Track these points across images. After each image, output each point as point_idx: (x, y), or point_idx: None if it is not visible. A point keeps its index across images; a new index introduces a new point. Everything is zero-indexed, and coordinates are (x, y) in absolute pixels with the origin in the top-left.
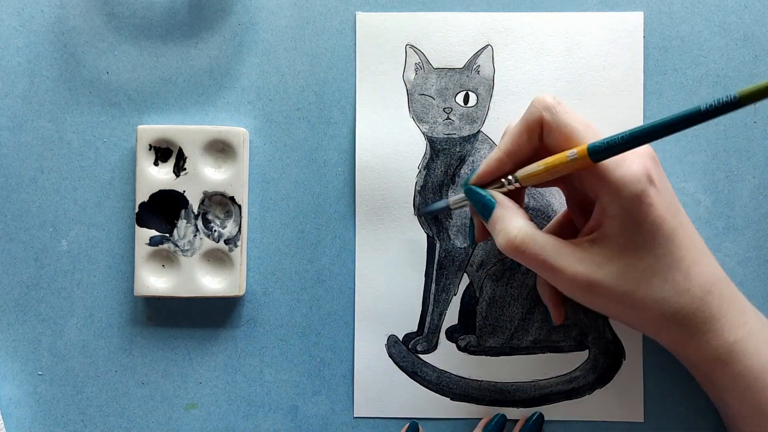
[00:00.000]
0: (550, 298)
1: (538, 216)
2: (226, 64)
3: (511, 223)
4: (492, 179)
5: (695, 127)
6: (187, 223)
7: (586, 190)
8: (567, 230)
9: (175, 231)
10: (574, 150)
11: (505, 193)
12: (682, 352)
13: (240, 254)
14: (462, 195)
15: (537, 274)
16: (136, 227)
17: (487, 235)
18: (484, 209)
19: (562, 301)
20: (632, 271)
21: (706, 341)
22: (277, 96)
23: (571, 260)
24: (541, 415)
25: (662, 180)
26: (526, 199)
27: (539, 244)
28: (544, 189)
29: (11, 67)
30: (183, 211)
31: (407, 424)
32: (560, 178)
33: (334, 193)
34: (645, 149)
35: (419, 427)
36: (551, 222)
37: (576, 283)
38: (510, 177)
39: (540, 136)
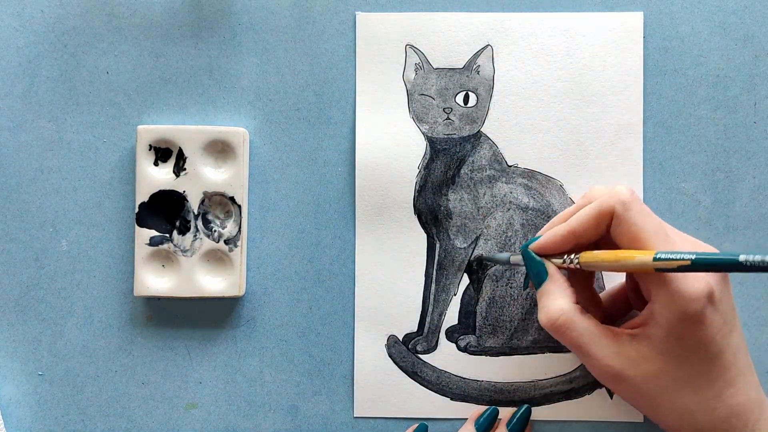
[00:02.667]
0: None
1: (538, 216)
2: (226, 64)
3: (556, 303)
4: (552, 253)
5: (695, 127)
6: (187, 223)
7: (642, 287)
8: (620, 303)
9: (174, 231)
10: (643, 258)
11: (567, 268)
12: None
13: (240, 254)
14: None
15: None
16: (136, 227)
17: None
18: (535, 277)
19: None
20: (664, 377)
21: None
22: (277, 96)
23: (607, 351)
24: (528, 408)
25: (724, 298)
26: (525, 199)
27: (578, 330)
28: (544, 189)
29: (11, 67)
30: (183, 212)
31: (416, 425)
32: None
33: (334, 193)
34: None
35: (427, 428)
36: (606, 290)
37: (607, 373)
38: (573, 256)
39: (608, 226)
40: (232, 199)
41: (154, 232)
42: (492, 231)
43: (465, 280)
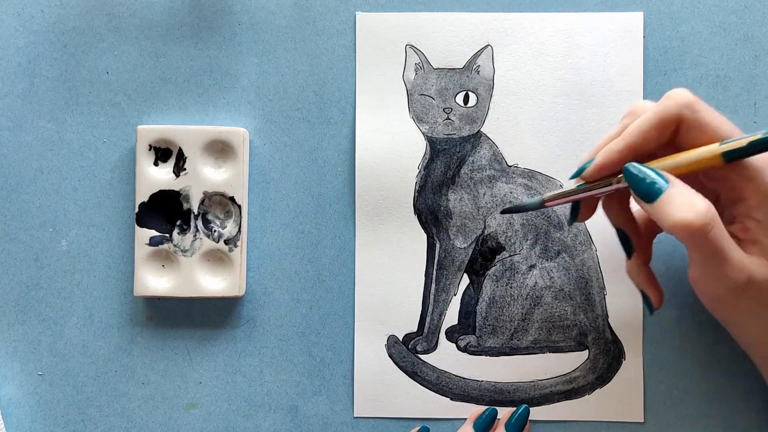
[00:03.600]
0: (648, 281)
1: (538, 216)
2: (226, 64)
3: (698, 203)
4: (609, 173)
5: None
6: (186, 223)
7: (722, 192)
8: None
9: (174, 231)
10: (707, 148)
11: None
12: None
13: (240, 254)
14: (558, 190)
15: (626, 261)
16: (136, 227)
17: (590, 214)
18: (648, 189)
19: (658, 283)
20: None
21: None
22: (277, 96)
23: (740, 254)
24: (527, 408)
25: None
26: (525, 199)
27: (722, 230)
28: (544, 189)
29: (11, 67)
30: (183, 212)
31: (417, 428)
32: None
33: (334, 193)
34: None
35: (429, 431)
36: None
37: (737, 279)
38: (620, 176)
39: (673, 134)
40: (232, 199)
41: (154, 232)
42: (492, 231)
43: (465, 280)
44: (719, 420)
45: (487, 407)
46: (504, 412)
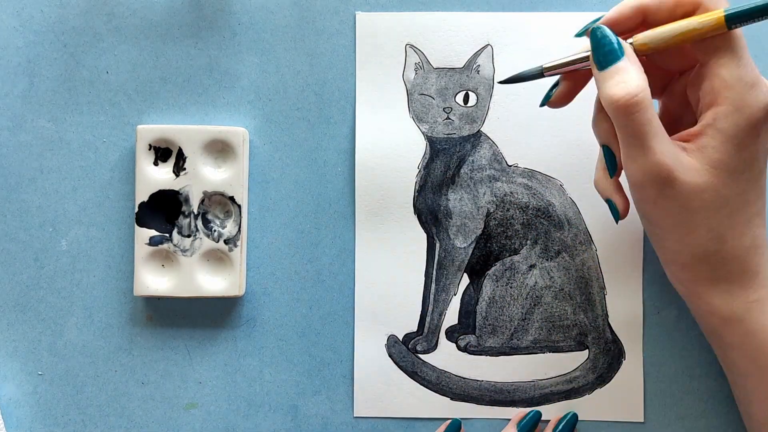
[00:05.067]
0: (616, 189)
1: (538, 216)
2: (226, 64)
3: (636, 78)
4: (619, 29)
5: None
6: (186, 223)
7: (702, 96)
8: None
9: (174, 231)
10: (713, 15)
11: None
12: (701, 300)
13: (240, 254)
14: (560, 60)
15: (596, 174)
16: (136, 227)
17: (565, 100)
18: (606, 56)
19: (624, 192)
20: (709, 191)
21: (729, 292)
22: (277, 96)
23: (665, 147)
24: (575, 415)
25: None
26: (525, 199)
27: (650, 112)
28: (544, 189)
29: (11, 67)
30: (183, 211)
31: (449, 421)
32: (665, 82)
33: (334, 193)
34: None
35: (461, 425)
36: None
37: (657, 170)
38: (628, 41)
39: (687, 13)
40: (231, 198)
41: (153, 232)
42: (492, 231)
43: (465, 280)
44: (719, 420)
45: (530, 409)
46: (548, 415)
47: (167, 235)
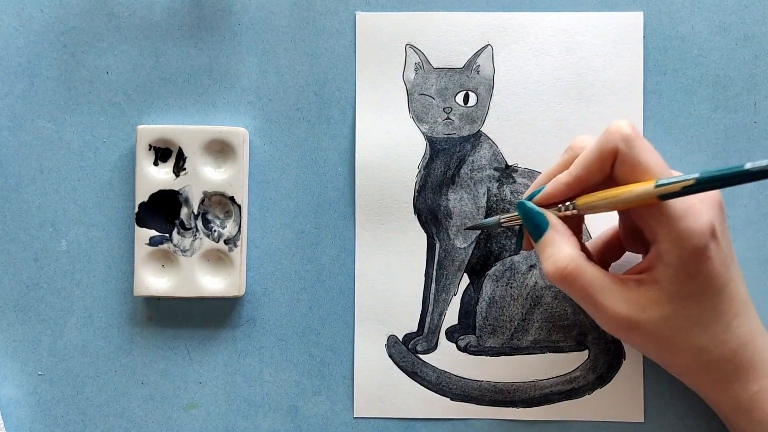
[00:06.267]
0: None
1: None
2: (226, 64)
3: (563, 250)
4: (554, 202)
5: (695, 127)
6: (186, 223)
7: (644, 229)
8: (614, 248)
9: (174, 231)
10: (645, 187)
11: (560, 218)
12: (709, 397)
13: (240, 254)
14: (514, 213)
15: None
16: (136, 227)
17: (531, 247)
18: (535, 229)
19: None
20: (675, 318)
21: (732, 389)
22: (277, 96)
23: (616, 299)
24: None
25: (724, 231)
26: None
27: (587, 277)
28: None
29: (11, 67)
30: (183, 211)
31: None
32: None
33: (334, 193)
34: (714, 196)
35: None
36: (597, 236)
37: (617, 322)
38: (568, 203)
39: (612, 166)
40: (231, 199)
41: (153, 232)
42: (492, 231)
43: (465, 280)
44: (719, 420)
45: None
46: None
47: (167, 235)
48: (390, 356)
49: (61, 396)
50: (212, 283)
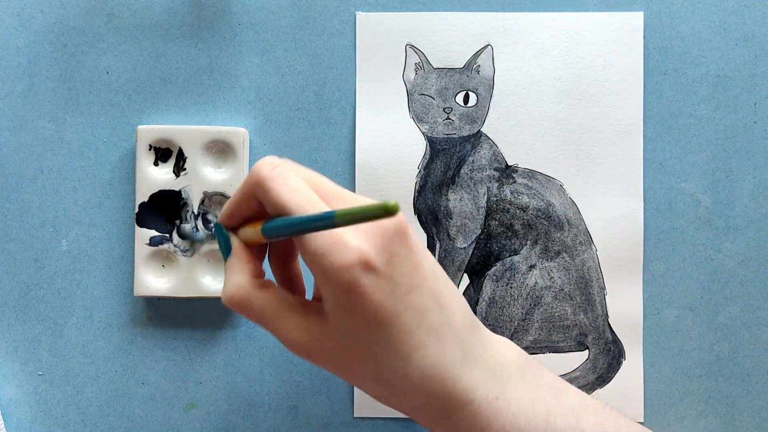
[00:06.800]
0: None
1: (538, 216)
2: (226, 64)
3: (234, 279)
4: (232, 226)
5: (695, 127)
6: (187, 223)
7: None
8: None
9: (174, 231)
10: (253, 229)
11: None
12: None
13: None
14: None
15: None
16: (136, 227)
17: None
18: (224, 254)
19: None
20: (348, 350)
21: (445, 423)
22: (277, 96)
23: (292, 325)
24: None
25: (394, 259)
26: (526, 199)
27: (257, 305)
28: (544, 189)
29: (11, 67)
30: (183, 211)
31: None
32: None
33: None
34: (387, 224)
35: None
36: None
37: (294, 348)
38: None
39: (260, 203)
40: None
41: (154, 232)
42: (492, 231)
43: (465, 280)
44: (719, 420)
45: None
46: None
47: (167, 235)
48: None
49: (61, 396)
50: (212, 283)
